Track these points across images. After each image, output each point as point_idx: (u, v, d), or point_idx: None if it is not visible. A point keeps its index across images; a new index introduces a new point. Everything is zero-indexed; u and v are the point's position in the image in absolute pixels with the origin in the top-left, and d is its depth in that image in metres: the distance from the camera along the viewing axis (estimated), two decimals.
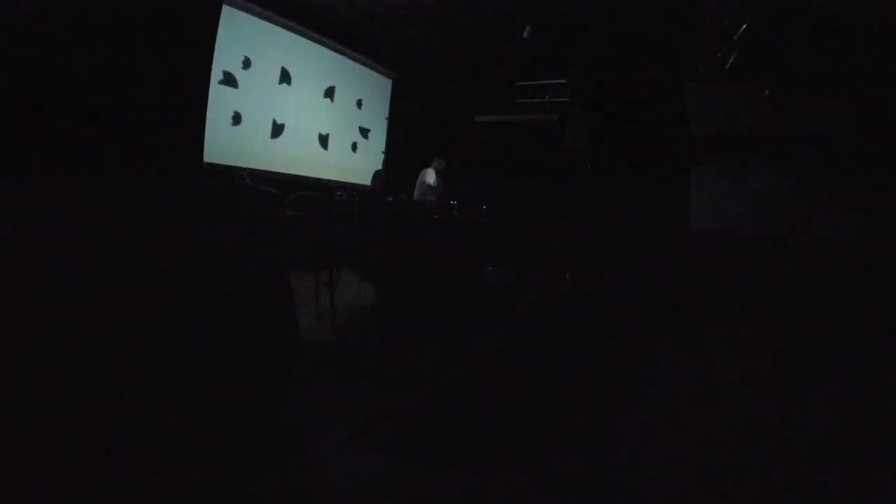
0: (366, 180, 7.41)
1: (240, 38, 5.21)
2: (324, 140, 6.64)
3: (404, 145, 7.71)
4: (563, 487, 1.63)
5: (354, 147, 7.22)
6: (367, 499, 1.49)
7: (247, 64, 5.35)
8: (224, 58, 5.03)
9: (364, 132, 7.39)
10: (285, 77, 5.90)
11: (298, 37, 6.01)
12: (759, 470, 1.81)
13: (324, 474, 1.59)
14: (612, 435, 2.07)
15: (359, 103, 7.22)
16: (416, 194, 5.82)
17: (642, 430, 2.12)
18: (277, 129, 5.86)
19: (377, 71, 7.49)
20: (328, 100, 6.66)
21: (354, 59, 6.96)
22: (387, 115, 7.81)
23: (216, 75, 4.96)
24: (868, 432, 2.21)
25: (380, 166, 7.61)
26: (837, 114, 5.64)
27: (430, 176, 5.85)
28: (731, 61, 4.96)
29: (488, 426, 2.06)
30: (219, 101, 5.03)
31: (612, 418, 2.24)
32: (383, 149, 7.77)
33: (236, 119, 5.31)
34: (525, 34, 5.55)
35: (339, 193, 4.57)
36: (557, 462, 1.78)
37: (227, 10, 4.95)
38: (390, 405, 2.18)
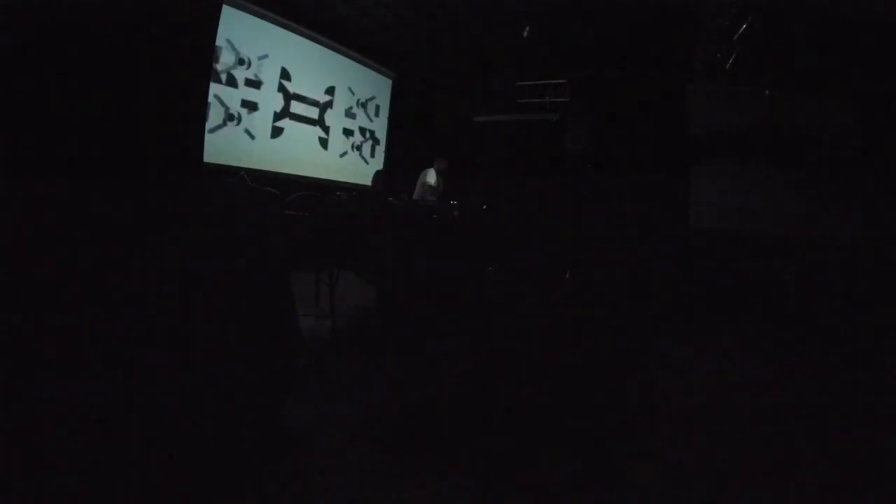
0: (366, 180, 7.41)
1: (240, 38, 5.21)
2: (323, 140, 6.65)
3: (404, 145, 7.71)
4: (563, 489, 1.63)
5: (354, 147, 7.22)
6: (367, 499, 1.49)
7: (247, 64, 5.35)
8: (224, 58, 5.03)
9: (364, 132, 7.40)
10: (285, 77, 5.90)
11: (298, 37, 6.02)
12: (763, 469, 1.81)
13: (324, 474, 1.59)
14: (612, 435, 2.07)
15: (359, 103, 7.22)
16: (417, 194, 5.82)
17: (643, 429, 2.12)
18: (277, 130, 5.87)
19: (377, 71, 7.49)
20: (328, 100, 6.66)
21: (354, 59, 6.96)
22: (387, 115, 7.82)
23: (216, 75, 4.97)
24: (867, 432, 2.21)
25: (380, 166, 7.60)
26: (837, 114, 5.64)
27: (430, 176, 5.85)
28: (731, 61, 4.96)
29: (488, 427, 2.06)
30: (219, 101, 5.04)
31: (612, 418, 2.24)
32: (383, 149, 7.78)
33: (236, 119, 5.31)
34: (525, 34, 5.55)
35: (339, 193, 4.56)
36: (557, 463, 1.78)
37: (227, 11, 4.96)
38: (391, 406, 2.19)
